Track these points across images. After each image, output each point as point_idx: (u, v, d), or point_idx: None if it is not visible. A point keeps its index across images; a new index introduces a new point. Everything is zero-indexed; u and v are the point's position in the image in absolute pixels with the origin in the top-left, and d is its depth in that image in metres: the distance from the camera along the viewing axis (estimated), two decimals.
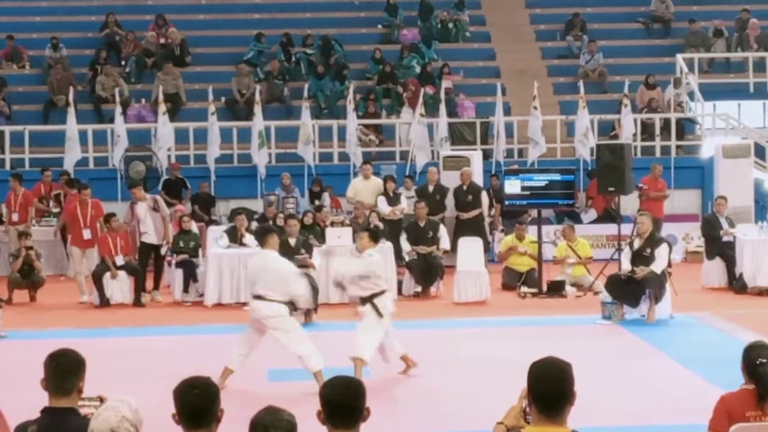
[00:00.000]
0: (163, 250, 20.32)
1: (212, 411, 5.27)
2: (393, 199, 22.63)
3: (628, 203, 22.84)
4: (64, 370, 5.84)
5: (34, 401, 6.01)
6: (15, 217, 22.82)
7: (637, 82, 28.00)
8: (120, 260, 19.85)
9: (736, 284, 20.25)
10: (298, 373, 12.81)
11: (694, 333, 16.65)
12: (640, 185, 20.98)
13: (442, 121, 26.26)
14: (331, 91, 28.55)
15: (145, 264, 20.15)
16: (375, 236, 13.99)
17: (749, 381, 6.96)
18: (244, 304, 17.50)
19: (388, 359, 13.68)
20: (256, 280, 13.06)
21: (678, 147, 27.35)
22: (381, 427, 5.96)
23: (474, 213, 22.66)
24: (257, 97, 26.04)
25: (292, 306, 13.12)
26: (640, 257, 17.49)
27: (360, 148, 26.25)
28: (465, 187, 22.84)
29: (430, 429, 11.41)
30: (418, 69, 29.10)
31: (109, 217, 20.14)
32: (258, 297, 12.97)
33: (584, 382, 5.60)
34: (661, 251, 17.53)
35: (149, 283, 20.26)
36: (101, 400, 5.91)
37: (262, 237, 13.50)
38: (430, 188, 23.00)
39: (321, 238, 20.01)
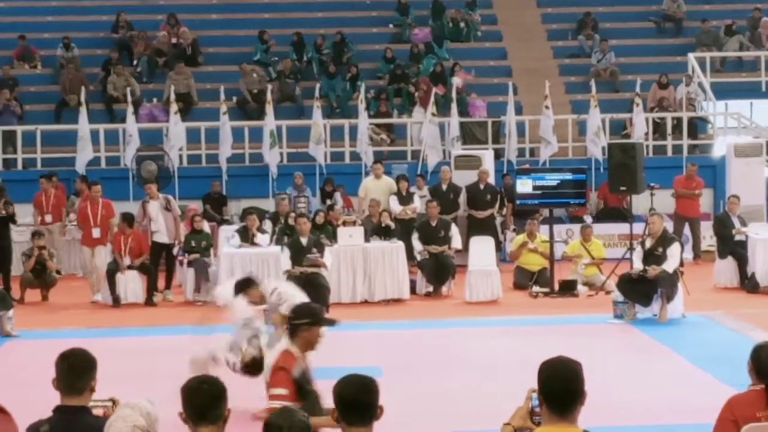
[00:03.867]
0: (174, 250, 20.35)
1: (220, 409, 5.28)
2: (406, 199, 22.64)
3: (640, 202, 22.81)
4: (76, 370, 5.85)
5: (46, 401, 6.02)
6: (48, 218, 22.49)
7: (649, 81, 27.95)
8: (126, 261, 19.82)
9: (748, 283, 20.21)
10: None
11: (706, 332, 16.62)
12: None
13: (454, 120, 26.26)
14: (343, 91, 28.56)
15: (157, 263, 20.18)
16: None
17: (758, 381, 6.90)
18: None
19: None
20: None
21: (690, 146, 27.32)
22: (392, 425, 5.96)
23: (490, 212, 22.76)
24: (269, 96, 26.06)
25: None
26: (652, 256, 17.46)
27: (371, 147, 26.25)
28: (482, 187, 22.88)
29: (440, 428, 11.41)
30: (429, 68, 29.10)
31: (125, 218, 20.04)
32: None
33: (596, 382, 5.59)
34: (673, 250, 17.49)
35: (161, 283, 20.30)
36: (113, 402, 5.91)
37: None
38: (444, 187, 23.02)
39: (333, 238, 20.01)
